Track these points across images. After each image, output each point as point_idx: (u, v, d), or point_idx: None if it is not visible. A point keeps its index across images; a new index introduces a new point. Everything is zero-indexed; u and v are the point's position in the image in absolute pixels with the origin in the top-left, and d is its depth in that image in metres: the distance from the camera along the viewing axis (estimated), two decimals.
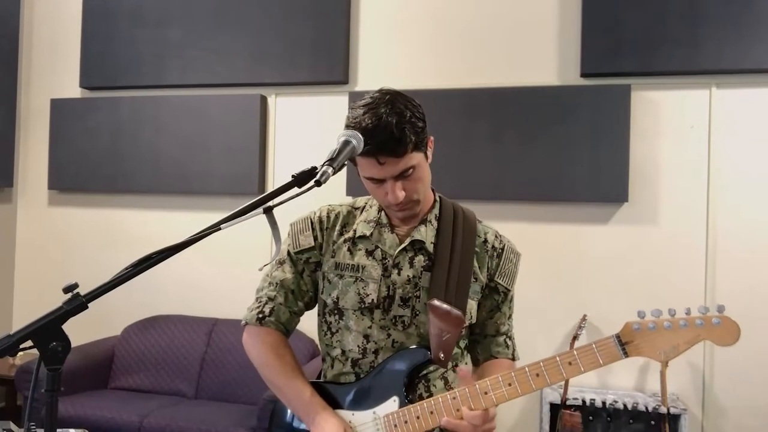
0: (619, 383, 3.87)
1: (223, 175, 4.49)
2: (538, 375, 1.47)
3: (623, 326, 1.42)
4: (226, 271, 4.56)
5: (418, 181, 1.61)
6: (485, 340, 1.83)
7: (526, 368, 1.49)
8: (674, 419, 3.48)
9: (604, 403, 3.57)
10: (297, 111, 4.50)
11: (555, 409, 3.61)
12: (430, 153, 1.66)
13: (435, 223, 1.73)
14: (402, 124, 1.51)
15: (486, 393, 1.52)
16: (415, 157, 1.57)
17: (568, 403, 3.57)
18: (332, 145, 1.39)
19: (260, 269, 1.43)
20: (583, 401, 3.58)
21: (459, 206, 1.80)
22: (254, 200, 1.23)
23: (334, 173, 1.30)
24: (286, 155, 4.51)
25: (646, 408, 3.53)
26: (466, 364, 1.81)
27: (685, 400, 3.82)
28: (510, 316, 1.85)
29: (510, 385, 1.50)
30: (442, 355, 1.61)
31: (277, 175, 4.49)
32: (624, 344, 1.41)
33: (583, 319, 3.84)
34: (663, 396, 3.54)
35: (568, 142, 3.92)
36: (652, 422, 3.54)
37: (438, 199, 1.79)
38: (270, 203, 1.22)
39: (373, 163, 1.54)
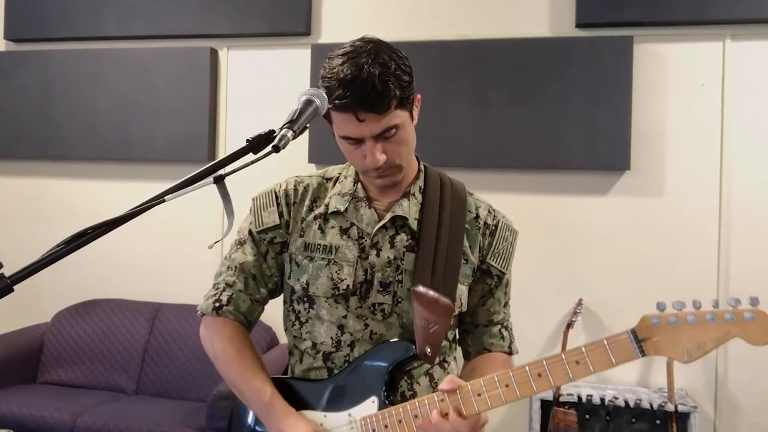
0: (620, 377, 3.74)
1: (169, 139, 4.37)
2: (540, 375, 1.39)
3: (640, 320, 1.33)
4: (171, 249, 4.45)
5: (401, 143, 1.55)
6: (477, 330, 1.76)
7: (527, 367, 1.40)
8: (683, 418, 3.36)
9: (602, 399, 3.46)
10: (252, 66, 4.37)
11: (546, 406, 3.51)
12: (416, 113, 1.60)
13: (419, 197, 1.68)
14: (385, 76, 1.46)
15: (479, 395, 1.43)
16: (399, 116, 1.51)
17: (561, 399, 3.46)
18: (292, 106, 1.32)
19: (210, 247, 1.34)
20: (579, 397, 3.47)
21: (446, 176, 1.75)
22: (204, 168, 1.18)
23: (294, 137, 1.25)
24: (239, 117, 4.39)
25: (651, 405, 3.41)
26: (455, 358, 1.77)
27: (696, 396, 3.71)
28: (506, 304, 1.79)
29: (507, 386, 1.41)
30: (428, 350, 1.55)
31: (230, 139, 4.38)
32: (640, 341, 1.33)
33: (579, 303, 3.73)
34: (670, 392, 3.44)
35: (561, 103, 3.81)
36: (658, 421, 3.41)
37: (423, 168, 1.74)
38: (221, 171, 1.18)
39: (350, 119, 1.48)
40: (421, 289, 1.56)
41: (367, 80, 1.44)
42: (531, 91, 3.84)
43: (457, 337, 1.79)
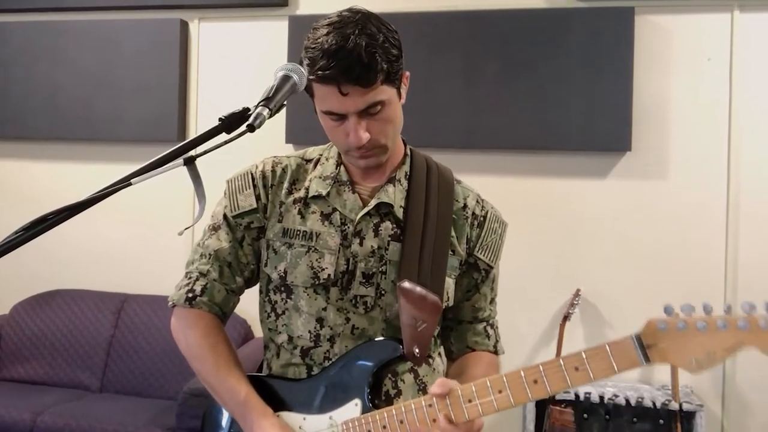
0: (621, 374, 3.48)
1: (136, 118, 4.30)
2: (536, 382, 1.35)
3: (645, 324, 1.28)
4: (138, 235, 4.39)
5: (387, 121, 1.53)
6: (460, 326, 1.74)
7: (522, 372, 1.36)
8: (688, 417, 3.30)
9: (601, 397, 3.39)
10: (225, 39, 4.30)
11: (541, 404, 3.44)
12: (404, 91, 1.59)
13: (405, 183, 1.67)
14: (373, 48, 1.45)
15: (470, 401, 1.40)
16: (386, 92, 1.49)
17: (557, 397, 3.38)
18: (269, 82, 1.32)
19: (180, 233, 1.40)
20: (576, 395, 3.40)
21: (433, 161, 1.75)
22: (173, 149, 1.17)
23: (270, 116, 1.24)
24: (211, 94, 4.31)
25: (654, 404, 3.34)
26: (440, 354, 1.76)
27: (701, 393, 3.63)
28: (492, 300, 1.78)
29: (501, 392, 1.37)
30: (417, 350, 1.53)
31: (201, 118, 4.31)
32: (646, 347, 1.27)
33: (576, 294, 3.65)
34: (674, 389, 3.35)
35: (557, 79, 3.75)
36: (661, 421, 3.34)
37: (409, 152, 1.73)
38: (192, 152, 1.18)
39: (333, 92, 1.45)
40: (407, 284, 1.54)
41: (352, 51, 1.42)
42: (525, 66, 3.78)
43: (440, 333, 1.77)
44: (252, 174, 1.69)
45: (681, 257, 3.69)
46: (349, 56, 1.42)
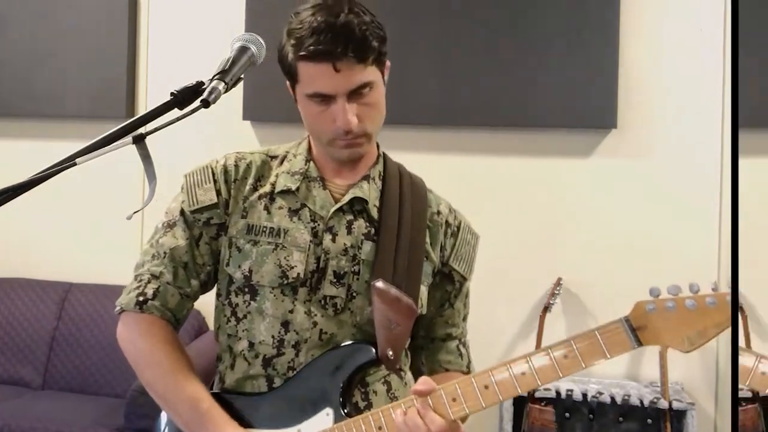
0: (606, 369, 3.55)
1: (80, 92, 4.18)
2: (524, 373, 1.38)
3: (633, 307, 1.35)
4: (83, 219, 4.25)
5: (373, 106, 1.57)
6: (432, 345, 1.77)
7: (509, 365, 1.40)
8: (678, 416, 3.26)
9: (584, 394, 3.34)
10: (178, 5, 4.14)
11: (520, 402, 3.38)
12: (386, 79, 1.65)
13: (379, 183, 1.70)
14: (364, 25, 1.49)
15: (455, 399, 1.42)
16: (374, 73, 1.54)
17: (537, 395, 3.32)
18: (224, 53, 1.34)
19: (129, 218, 1.32)
20: (557, 393, 3.33)
21: (405, 168, 1.80)
22: (121, 126, 1.19)
23: (226, 90, 1.26)
24: (163, 66, 4.17)
25: (641, 402, 3.29)
26: (409, 369, 1.78)
27: (693, 391, 3.55)
28: (465, 317, 1.81)
29: (487, 387, 1.41)
30: (390, 353, 1.55)
31: (152, 92, 4.20)
32: (636, 330, 1.33)
33: (557, 283, 3.55)
34: (663, 386, 3.30)
35: (537, 49, 3.69)
36: (649, 420, 3.30)
37: (382, 153, 1.77)
38: (142, 130, 1.18)
39: (324, 70, 1.48)
40: (381, 284, 1.54)
41: (345, 26, 1.46)
42: (501, 35, 3.69)
43: (410, 348, 1.77)
44: (212, 168, 1.68)
45: (671, 243, 3.60)
46: (343, 30, 1.45)
